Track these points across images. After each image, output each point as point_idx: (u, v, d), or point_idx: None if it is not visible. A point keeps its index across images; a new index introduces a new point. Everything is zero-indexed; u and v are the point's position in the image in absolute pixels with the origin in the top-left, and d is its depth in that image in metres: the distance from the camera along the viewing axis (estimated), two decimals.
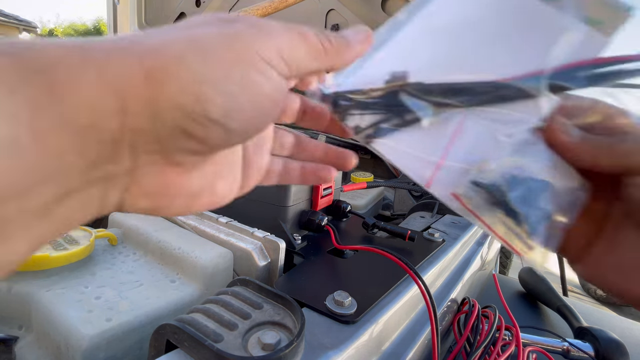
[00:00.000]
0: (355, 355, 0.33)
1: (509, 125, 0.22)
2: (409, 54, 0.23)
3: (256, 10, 0.64)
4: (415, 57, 0.23)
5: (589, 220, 0.23)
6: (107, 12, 1.54)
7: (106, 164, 0.14)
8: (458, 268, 0.59)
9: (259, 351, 0.27)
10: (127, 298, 0.39)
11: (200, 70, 0.14)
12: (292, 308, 0.32)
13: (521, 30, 0.23)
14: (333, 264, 0.47)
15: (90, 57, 0.13)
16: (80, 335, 0.33)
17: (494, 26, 0.23)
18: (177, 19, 1.33)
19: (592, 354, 0.54)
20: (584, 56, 0.22)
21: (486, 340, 0.44)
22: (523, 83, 0.22)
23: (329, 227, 0.54)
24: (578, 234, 0.23)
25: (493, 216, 0.21)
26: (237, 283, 0.36)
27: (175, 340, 0.28)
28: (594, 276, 0.23)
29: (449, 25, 0.23)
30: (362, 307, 0.37)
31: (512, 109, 0.22)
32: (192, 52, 0.14)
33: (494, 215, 0.21)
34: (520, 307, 0.76)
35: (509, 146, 0.22)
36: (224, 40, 0.15)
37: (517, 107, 0.22)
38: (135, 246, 0.50)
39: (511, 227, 0.21)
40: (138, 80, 0.13)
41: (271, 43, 0.16)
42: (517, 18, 0.23)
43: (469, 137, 0.22)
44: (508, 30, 0.23)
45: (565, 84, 0.22)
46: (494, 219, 0.21)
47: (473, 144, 0.22)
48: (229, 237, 0.47)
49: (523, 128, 0.22)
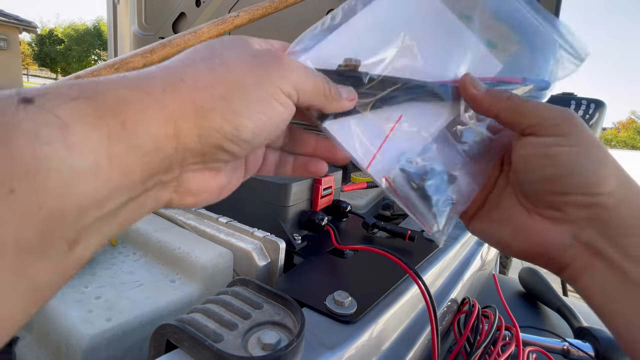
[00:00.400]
0: (355, 355, 0.33)
1: (431, 123, 0.27)
2: (359, 44, 0.26)
3: (256, 10, 0.64)
4: (364, 47, 0.26)
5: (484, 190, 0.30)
6: (107, 12, 1.54)
7: (161, 175, 0.19)
8: (458, 268, 0.59)
9: (259, 351, 0.27)
10: (127, 298, 0.39)
11: (238, 108, 0.19)
12: (292, 308, 0.32)
13: (443, 40, 0.28)
14: (333, 264, 0.47)
15: (152, 97, 0.17)
16: (80, 335, 0.33)
17: (426, 32, 0.28)
18: (177, 19, 1.33)
19: (592, 354, 0.54)
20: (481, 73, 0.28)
21: (486, 340, 0.44)
22: (440, 87, 0.27)
23: (329, 227, 0.54)
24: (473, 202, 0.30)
25: (413, 199, 0.26)
26: (237, 283, 0.36)
27: (175, 340, 0.28)
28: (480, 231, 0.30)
29: (392, 23, 0.27)
30: (362, 307, 0.37)
31: (434, 109, 0.27)
32: (230, 92, 0.19)
33: (414, 198, 0.26)
34: (520, 307, 0.76)
35: (432, 143, 0.27)
36: (256, 81, 0.20)
37: (436, 107, 0.27)
38: (135, 246, 0.50)
39: (424, 209, 0.26)
40: (190, 113, 0.18)
41: (291, 79, 0.21)
42: (441, 29, 0.28)
43: (403, 131, 0.26)
44: (435, 38, 0.28)
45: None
46: (414, 201, 0.26)
47: (406, 136, 0.26)
48: (229, 237, 0.47)
49: (440, 126, 0.27)
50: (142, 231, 0.49)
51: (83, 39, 18.77)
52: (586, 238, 0.24)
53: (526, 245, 0.27)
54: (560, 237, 0.25)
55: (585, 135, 0.25)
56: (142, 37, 1.43)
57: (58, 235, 0.14)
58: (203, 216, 0.52)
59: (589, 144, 0.24)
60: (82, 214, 0.15)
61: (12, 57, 8.84)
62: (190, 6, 1.27)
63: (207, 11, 1.22)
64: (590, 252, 0.24)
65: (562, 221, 0.25)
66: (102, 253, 0.47)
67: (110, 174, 0.15)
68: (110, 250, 0.48)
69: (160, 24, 1.37)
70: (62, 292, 0.38)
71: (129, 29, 1.45)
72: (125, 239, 0.51)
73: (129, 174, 0.16)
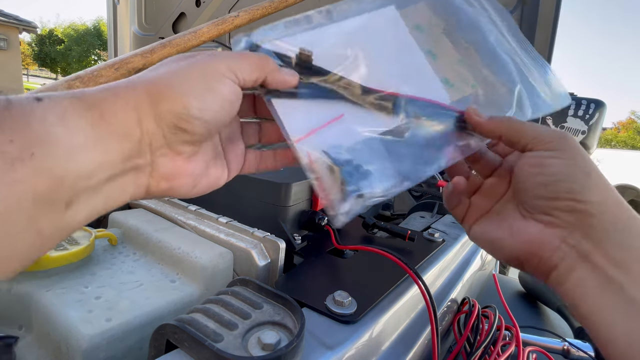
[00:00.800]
0: (355, 355, 0.33)
1: (367, 128, 0.30)
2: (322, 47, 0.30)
3: (256, 10, 0.64)
4: (323, 44, 0.30)
5: (487, 203, 0.34)
6: (107, 12, 1.54)
7: (135, 159, 0.23)
8: (458, 268, 0.59)
9: (259, 351, 0.27)
10: (127, 298, 0.39)
11: (181, 89, 0.23)
12: (292, 308, 0.32)
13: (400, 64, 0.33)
14: (333, 264, 0.47)
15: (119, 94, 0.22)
16: (80, 335, 0.33)
17: (387, 55, 0.32)
18: (177, 19, 1.33)
19: (592, 354, 0.54)
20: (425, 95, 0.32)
21: (486, 340, 0.44)
22: (388, 98, 0.31)
23: (329, 227, 0.54)
24: (477, 211, 0.34)
25: (326, 179, 0.28)
26: (237, 283, 0.36)
27: (175, 340, 0.28)
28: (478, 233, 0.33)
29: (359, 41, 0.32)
30: (362, 307, 0.37)
31: (374, 117, 0.31)
32: (174, 79, 0.24)
33: (327, 179, 0.28)
34: (520, 307, 0.76)
35: (361, 140, 0.30)
36: (192, 67, 0.25)
37: (378, 116, 0.31)
38: (135, 246, 0.50)
39: (332, 191, 0.28)
40: (146, 102, 0.23)
41: (222, 62, 0.25)
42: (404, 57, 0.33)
43: (340, 127, 0.30)
44: (394, 61, 0.33)
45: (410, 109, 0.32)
46: (326, 182, 0.28)
47: (341, 133, 0.29)
48: (229, 237, 0.47)
49: (374, 132, 0.30)
50: (142, 231, 0.49)
51: (83, 39, 18.76)
52: (573, 241, 0.27)
53: (518, 245, 0.29)
54: (550, 239, 0.28)
55: (576, 151, 0.28)
56: (142, 37, 1.43)
57: (59, 194, 0.19)
58: (203, 216, 0.52)
59: (578, 158, 0.28)
60: (76, 181, 0.20)
61: (12, 57, 8.84)
62: (190, 6, 1.27)
63: (207, 11, 1.22)
64: (577, 254, 0.27)
65: (553, 225, 0.28)
66: (102, 253, 0.47)
67: (95, 151, 0.20)
68: (110, 250, 0.48)
69: (160, 24, 1.37)
70: (62, 292, 0.38)
71: (129, 29, 1.45)
72: (125, 239, 0.51)
73: (109, 153, 0.21)
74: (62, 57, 18.63)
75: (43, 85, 0.37)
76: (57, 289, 0.38)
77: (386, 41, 0.33)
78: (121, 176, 0.23)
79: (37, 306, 0.37)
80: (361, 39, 0.32)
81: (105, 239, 0.49)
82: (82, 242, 0.43)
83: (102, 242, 0.49)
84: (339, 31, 0.31)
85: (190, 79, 0.24)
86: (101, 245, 0.49)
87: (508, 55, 0.36)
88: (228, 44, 1.17)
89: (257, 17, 0.65)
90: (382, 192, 0.29)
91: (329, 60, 0.30)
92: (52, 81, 0.40)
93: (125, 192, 0.23)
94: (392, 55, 0.33)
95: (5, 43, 8.63)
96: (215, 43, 1.19)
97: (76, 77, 0.41)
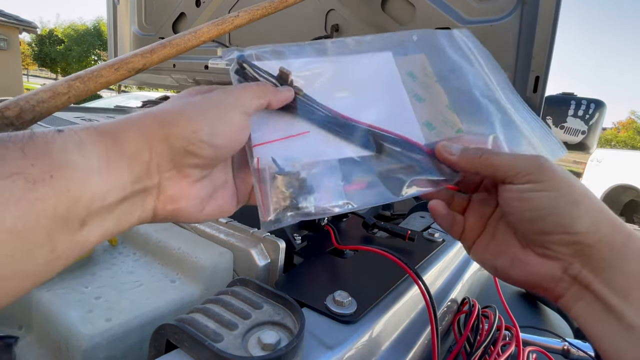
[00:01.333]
0: (355, 355, 0.33)
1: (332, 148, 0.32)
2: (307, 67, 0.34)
3: (256, 10, 0.64)
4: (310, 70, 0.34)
5: (480, 220, 0.34)
6: (107, 12, 1.54)
7: (144, 180, 0.24)
8: (458, 268, 0.59)
9: (259, 351, 0.27)
10: (127, 298, 0.39)
11: (193, 117, 0.25)
12: (292, 308, 0.32)
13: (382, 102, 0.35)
14: (333, 264, 0.47)
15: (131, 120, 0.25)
16: (80, 335, 0.33)
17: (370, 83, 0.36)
18: (177, 19, 1.32)
19: (592, 354, 0.54)
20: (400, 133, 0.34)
21: (486, 340, 0.44)
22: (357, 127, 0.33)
23: (329, 227, 0.54)
24: (472, 228, 0.34)
25: (266, 185, 0.30)
26: (237, 283, 0.36)
27: (175, 340, 0.28)
28: (480, 259, 0.33)
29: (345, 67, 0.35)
30: (362, 307, 0.37)
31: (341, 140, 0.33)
32: (188, 108, 0.26)
33: (267, 185, 0.30)
34: (520, 307, 0.76)
35: (321, 160, 0.32)
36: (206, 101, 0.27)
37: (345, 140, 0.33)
38: (135, 246, 0.50)
39: (268, 198, 0.30)
40: (156, 127, 0.25)
41: (232, 96, 0.28)
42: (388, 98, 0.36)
43: (302, 143, 0.32)
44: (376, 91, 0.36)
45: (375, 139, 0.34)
46: (266, 187, 0.30)
47: (301, 149, 0.31)
48: (229, 237, 0.47)
49: (340, 154, 0.32)
50: (142, 231, 0.49)
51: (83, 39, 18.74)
52: (574, 272, 0.26)
53: (523, 277, 0.29)
54: (552, 271, 0.27)
55: (558, 180, 0.27)
56: (142, 37, 1.43)
57: (74, 213, 0.20)
58: None
59: (562, 187, 0.27)
60: (91, 202, 0.21)
61: (12, 57, 8.83)
62: (190, 6, 1.27)
63: (207, 11, 1.22)
64: (579, 285, 0.27)
65: (551, 257, 0.27)
66: (102, 253, 0.47)
67: (107, 174, 0.22)
68: (110, 250, 0.48)
69: (160, 24, 1.37)
70: (62, 292, 0.38)
71: (129, 29, 1.45)
72: (125, 239, 0.51)
73: (121, 176, 0.23)
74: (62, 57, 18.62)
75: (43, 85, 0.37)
76: (57, 289, 0.38)
77: (373, 80, 0.36)
78: (131, 198, 0.24)
79: (37, 306, 0.37)
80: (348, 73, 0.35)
81: None
82: None
83: (102, 242, 0.49)
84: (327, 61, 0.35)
85: (202, 109, 0.26)
86: (101, 245, 0.49)
87: (495, 107, 0.37)
88: (228, 44, 1.17)
89: (257, 17, 0.65)
90: (321, 210, 0.30)
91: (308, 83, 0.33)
92: (52, 81, 0.40)
93: (133, 214, 0.25)
94: (376, 93, 0.35)
95: (5, 43, 8.63)
96: (215, 43, 1.19)
97: (76, 77, 0.41)
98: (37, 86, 0.56)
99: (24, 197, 0.18)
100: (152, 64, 0.49)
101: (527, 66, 0.73)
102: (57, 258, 0.20)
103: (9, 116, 0.33)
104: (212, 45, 1.20)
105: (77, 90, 0.40)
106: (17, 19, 9.12)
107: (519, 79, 0.74)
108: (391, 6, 0.90)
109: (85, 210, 0.21)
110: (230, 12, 0.90)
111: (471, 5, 0.78)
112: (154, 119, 0.25)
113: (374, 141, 0.33)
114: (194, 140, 0.25)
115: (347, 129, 0.33)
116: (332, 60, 0.35)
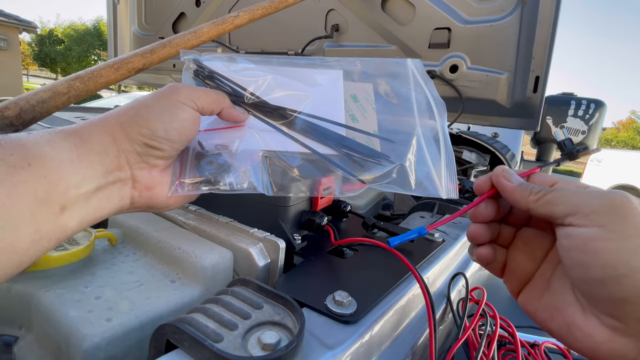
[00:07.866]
0: (355, 355, 0.33)
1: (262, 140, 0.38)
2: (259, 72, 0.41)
3: (256, 10, 0.64)
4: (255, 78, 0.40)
5: (529, 261, 0.28)
6: (107, 12, 1.54)
7: (116, 172, 0.29)
8: (458, 268, 0.59)
9: (259, 351, 0.27)
10: (127, 298, 0.39)
11: (147, 116, 0.30)
12: (292, 308, 0.32)
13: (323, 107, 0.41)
14: (333, 264, 0.47)
15: (93, 123, 0.29)
16: (81, 335, 0.33)
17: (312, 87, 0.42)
18: (177, 19, 1.32)
19: None
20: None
21: (486, 340, 0.44)
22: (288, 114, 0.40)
23: (328, 227, 0.54)
24: (518, 268, 0.29)
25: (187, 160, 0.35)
26: (237, 283, 0.36)
27: (175, 340, 0.28)
28: (532, 313, 0.28)
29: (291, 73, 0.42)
30: (362, 307, 0.37)
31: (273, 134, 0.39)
32: (142, 109, 0.30)
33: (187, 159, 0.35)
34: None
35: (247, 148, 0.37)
36: (157, 98, 0.31)
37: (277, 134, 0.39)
38: (135, 246, 0.50)
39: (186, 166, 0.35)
40: (118, 128, 0.29)
41: (182, 93, 0.32)
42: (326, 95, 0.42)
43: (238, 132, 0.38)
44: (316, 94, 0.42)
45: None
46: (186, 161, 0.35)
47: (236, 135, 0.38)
48: (229, 237, 0.47)
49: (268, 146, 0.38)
50: (142, 231, 0.49)
51: (83, 39, 18.73)
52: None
53: (584, 349, 0.23)
54: (624, 351, 0.21)
55: (633, 224, 0.20)
56: (142, 37, 1.43)
57: (54, 199, 0.24)
58: (203, 216, 0.52)
59: (636, 235, 0.20)
60: (68, 188, 0.24)
61: (12, 57, 8.83)
62: (190, 6, 1.26)
63: (207, 11, 1.22)
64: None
65: (624, 333, 0.21)
66: (102, 253, 0.47)
67: (79, 165, 0.26)
68: (110, 251, 0.48)
69: (160, 24, 1.37)
70: (62, 292, 0.38)
71: (129, 29, 1.45)
72: (125, 239, 0.51)
73: (91, 166, 0.27)
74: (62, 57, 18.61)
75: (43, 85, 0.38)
76: (57, 289, 0.38)
77: (319, 90, 0.42)
78: (106, 187, 0.28)
79: (37, 306, 0.37)
80: (299, 79, 0.41)
81: (105, 239, 0.49)
82: (82, 243, 0.43)
83: (102, 242, 0.49)
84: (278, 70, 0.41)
85: (155, 108, 0.31)
86: (101, 245, 0.49)
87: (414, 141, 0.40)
88: (228, 44, 1.17)
89: (257, 17, 0.65)
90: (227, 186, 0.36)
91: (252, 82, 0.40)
92: (52, 81, 0.40)
93: (111, 201, 0.29)
94: (318, 99, 0.41)
95: (5, 43, 8.63)
96: (215, 43, 1.18)
97: (76, 77, 0.41)
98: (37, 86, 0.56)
99: (7, 178, 0.21)
100: (152, 64, 0.49)
101: (527, 66, 0.73)
102: (41, 238, 0.23)
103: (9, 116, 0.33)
104: (212, 45, 1.20)
105: (77, 90, 0.40)
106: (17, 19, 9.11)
107: (519, 79, 0.74)
108: (391, 6, 0.90)
109: (63, 196, 0.24)
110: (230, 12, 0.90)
111: (471, 5, 0.78)
112: (116, 121, 0.29)
113: (300, 128, 0.39)
114: (153, 137, 0.30)
115: (278, 115, 0.39)
116: (284, 69, 0.42)
